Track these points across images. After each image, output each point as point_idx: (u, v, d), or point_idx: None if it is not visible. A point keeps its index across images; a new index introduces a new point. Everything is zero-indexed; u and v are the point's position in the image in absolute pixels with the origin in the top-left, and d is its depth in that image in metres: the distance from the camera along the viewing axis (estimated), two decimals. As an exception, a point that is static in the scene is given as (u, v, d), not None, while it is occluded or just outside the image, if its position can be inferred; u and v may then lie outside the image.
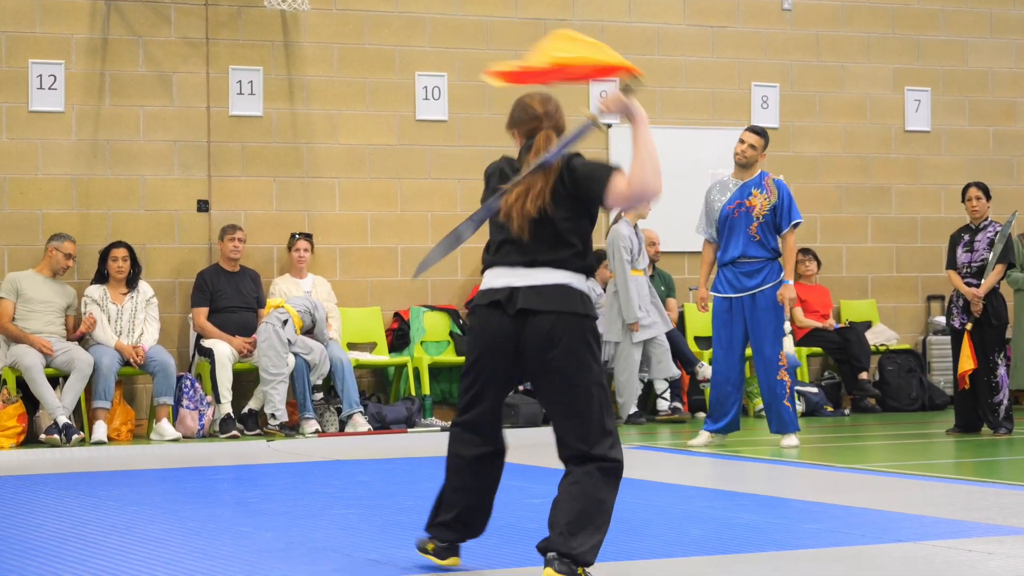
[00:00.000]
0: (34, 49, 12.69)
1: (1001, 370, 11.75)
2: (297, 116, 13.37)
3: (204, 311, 12.59)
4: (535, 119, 5.77)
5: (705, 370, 13.33)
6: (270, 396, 12.15)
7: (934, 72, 15.40)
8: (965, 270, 11.88)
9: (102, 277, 12.33)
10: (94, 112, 12.82)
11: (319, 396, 12.46)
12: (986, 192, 11.97)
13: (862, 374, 14.28)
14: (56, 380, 11.87)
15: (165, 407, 12.05)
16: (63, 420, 11.54)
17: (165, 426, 11.99)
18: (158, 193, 12.97)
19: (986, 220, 11.95)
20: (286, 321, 12.25)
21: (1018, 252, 12.19)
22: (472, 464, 5.81)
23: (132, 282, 12.35)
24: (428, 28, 13.76)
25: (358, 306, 13.48)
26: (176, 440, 11.94)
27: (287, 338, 12.20)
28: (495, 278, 5.71)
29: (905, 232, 15.26)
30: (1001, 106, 15.64)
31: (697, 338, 14.31)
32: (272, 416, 12.19)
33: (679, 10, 14.58)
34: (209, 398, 12.29)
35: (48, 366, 11.81)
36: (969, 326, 11.78)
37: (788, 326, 11.44)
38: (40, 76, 12.67)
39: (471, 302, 5.91)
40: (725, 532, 6.87)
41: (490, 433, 5.81)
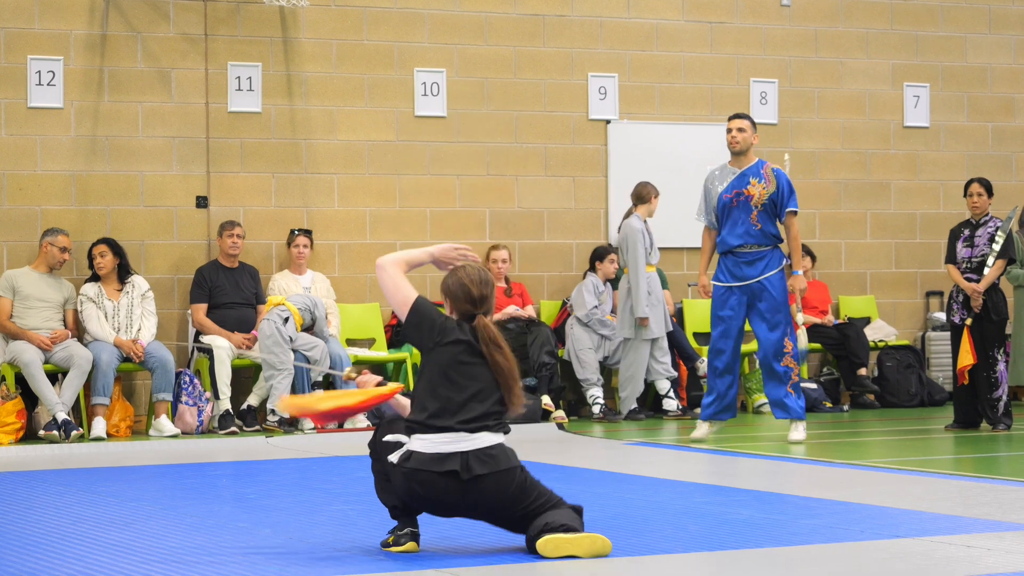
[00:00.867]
0: (33, 45, 12.69)
1: (1000, 366, 11.75)
2: (296, 112, 13.37)
3: (203, 307, 12.60)
4: (471, 303, 6.18)
5: (705, 365, 13.32)
6: (275, 389, 12.14)
7: (933, 68, 15.40)
8: (965, 265, 11.88)
9: (96, 275, 12.33)
10: (93, 108, 12.81)
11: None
12: (988, 188, 11.97)
13: (861, 370, 14.28)
14: (55, 376, 11.87)
15: (164, 403, 12.05)
16: (62, 416, 11.54)
17: (164, 422, 11.99)
18: (157, 189, 12.96)
19: (986, 216, 11.95)
20: (287, 319, 12.25)
21: (1018, 248, 12.19)
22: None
23: (123, 276, 12.33)
24: (427, 24, 13.75)
25: (357, 302, 13.48)
26: (175, 436, 11.94)
27: (288, 335, 12.21)
28: None
29: (904, 228, 15.26)
30: (1000, 102, 15.64)
31: (696, 333, 14.31)
32: (273, 411, 12.20)
33: (677, 6, 14.57)
34: (208, 394, 12.29)
35: (47, 362, 11.81)
36: (969, 321, 11.78)
37: (801, 317, 11.45)
38: (39, 72, 12.67)
39: None
40: (723, 528, 6.87)
41: None
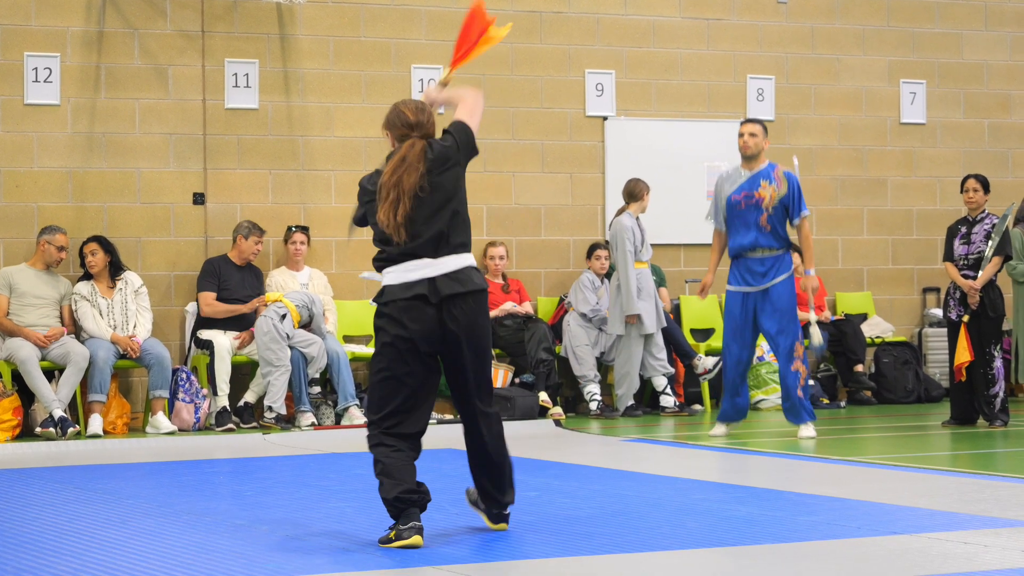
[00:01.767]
0: (29, 42, 12.67)
1: (997, 362, 11.75)
2: (293, 109, 13.36)
3: (212, 295, 12.57)
4: (407, 126, 6.65)
5: (704, 362, 13.34)
6: (272, 385, 12.13)
7: (929, 64, 15.40)
8: (962, 262, 11.88)
9: (88, 273, 12.31)
10: (89, 105, 12.80)
11: (316, 390, 12.45)
12: (985, 185, 11.97)
13: (858, 366, 14.29)
14: (52, 373, 11.86)
15: (161, 400, 12.04)
16: (59, 413, 11.53)
17: (161, 419, 11.98)
18: (154, 186, 12.95)
19: (983, 212, 11.95)
20: (284, 315, 12.24)
21: (1015, 244, 12.18)
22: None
23: (115, 273, 12.31)
24: (424, 21, 13.74)
25: (354, 299, 13.47)
26: (172, 433, 11.93)
27: (285, 332, 12.20)
28: None
29: (901, 224, 15.26)
30: (996, 98, 15.64)
31: (694, 330, 14.30)
32: (270, 408, 12.18)
33: (674, 2, 14.56)
34: (205, 391, 12.28)
35: (43, 359, 11.80)
36: (966, 318, 11.79)
37: (813, 315, 11.55)
38: (36, 69, 12.65)
39: None
40: (721, 525, 6.87)
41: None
